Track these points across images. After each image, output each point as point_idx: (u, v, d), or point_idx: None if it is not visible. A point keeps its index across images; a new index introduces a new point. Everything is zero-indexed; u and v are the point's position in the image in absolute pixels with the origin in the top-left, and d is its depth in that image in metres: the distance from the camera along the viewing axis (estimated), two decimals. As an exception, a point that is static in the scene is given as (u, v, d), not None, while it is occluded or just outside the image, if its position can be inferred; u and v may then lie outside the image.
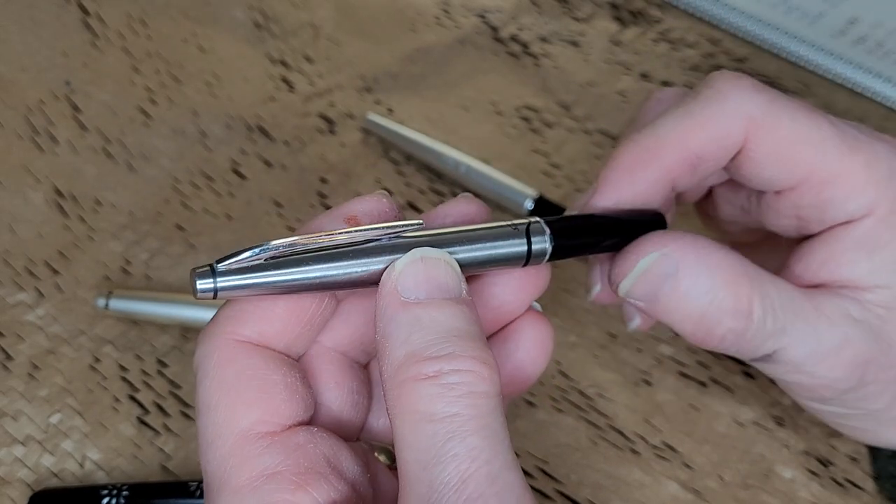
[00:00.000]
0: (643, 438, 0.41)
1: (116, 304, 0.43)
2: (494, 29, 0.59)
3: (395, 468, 0.31)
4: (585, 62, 0.58)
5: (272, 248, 0.26)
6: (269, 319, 0.28)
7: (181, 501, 0.37)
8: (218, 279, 0.26)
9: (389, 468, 0.30)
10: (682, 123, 0.34)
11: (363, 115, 0.53)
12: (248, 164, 0.51)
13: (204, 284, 0.26)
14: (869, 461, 0.41)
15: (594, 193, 0.34)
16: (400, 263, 0.27)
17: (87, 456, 0.39)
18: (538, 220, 0.30)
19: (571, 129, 0.54)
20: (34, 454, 0.39)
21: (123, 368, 0.42)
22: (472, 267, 0.29)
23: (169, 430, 0.40)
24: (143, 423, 0.40)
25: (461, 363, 0.26)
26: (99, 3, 0.57)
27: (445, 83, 0.56)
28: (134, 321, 0.43)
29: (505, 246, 0.29)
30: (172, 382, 0.42)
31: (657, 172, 0.34)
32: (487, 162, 0.50)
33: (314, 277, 0.27)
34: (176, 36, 0.56)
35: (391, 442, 0.32)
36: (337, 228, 0.27)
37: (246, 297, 0.27)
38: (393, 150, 0.52)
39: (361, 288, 0.28)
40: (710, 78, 0.34)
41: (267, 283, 0.26)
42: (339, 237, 0.27)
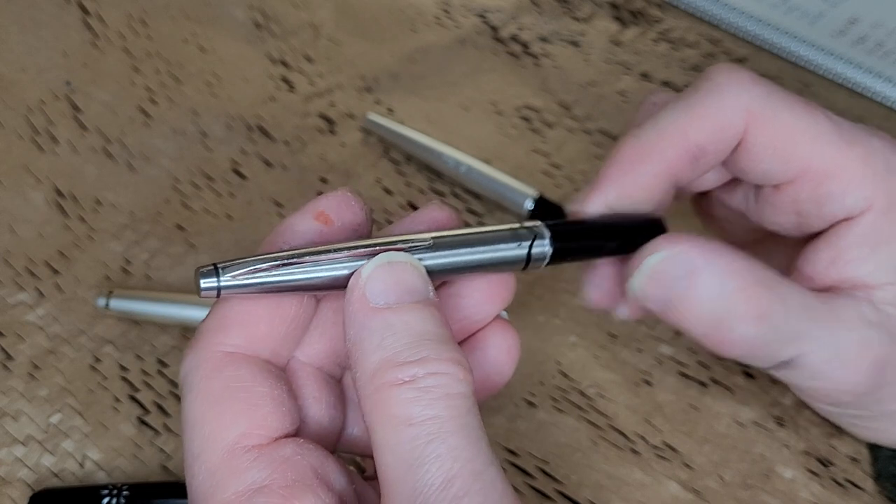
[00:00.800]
0: (643, 438, 0.41)
1: (117, 303, 0.43)
2: (494, 29, 0.59)
3: (367, 478, 0.31)
4: (585, 62, 0.58)
5: (277, 259, 0.27)
6: (252, 324, 0.28)
7: (181, 501, 0.37)
8: (222, 278, 0.26)
9: (365, 479, 0.30)
10: (682, 116, 0.34)
11: (363, 115, 0.53)
12: (248, 164, 0.51)
13: (208, 283, 0.26)
14: (869, 461, 0.41)
15: (594, 189, 0.34)
16: (367, 269, 0.27)
17: (87, 456, 0.39)
18: (539, 223, 0.30)
19: (571, 129, 0.54)
20: (34, 454, 0.39)
21: (124, 368, 0.42)
22: (470, 270, 0.29)
23: (169, 429, 0.40)
24: (143, 422, 0.40)
25: (436, 366, 0.26)
26: (99, 3, 0.57)
27: (445, 83, 0.56)
28: (134, 321, 0.43)
29: (505, 249, 0.29)
30: (173, 382, 0.42)
31: (658, 166, 0.34)
32: (487, 162, 0.50)
33: (316, 277, 0.27)
34: (176, 36, 0.56)
35: (361, 453, 0.32)
36: (341, 242, 0.28)
37: (247, 297, 0.27)
38: (393, 150, 0.52)
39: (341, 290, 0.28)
40: (708, 71, 0.35)
41: (269, 282, 0.27)
42: (343, 252, 0.27)
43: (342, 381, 0.32)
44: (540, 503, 0.39)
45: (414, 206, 0.49)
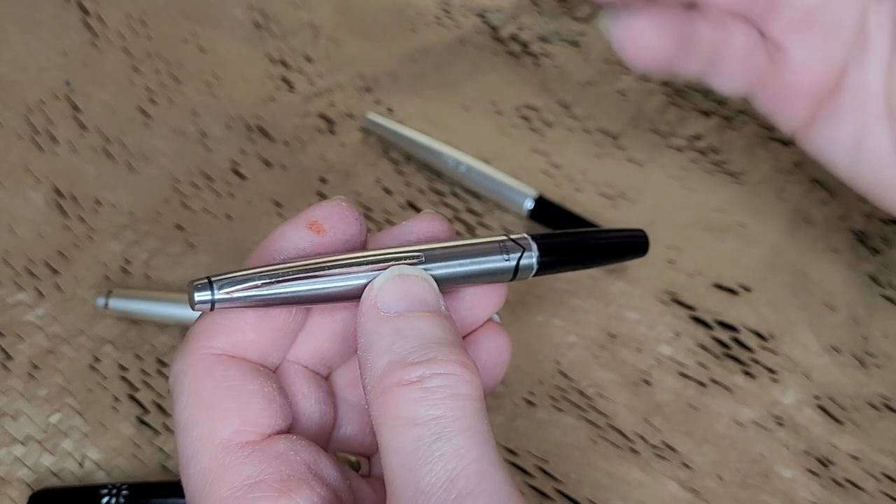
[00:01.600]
0: (643, 438, 0.41)
1: (116, 303, 0.43)
2: (494, 28, 0.59)
3: (363, 476, 0.31)
4: (585, 62, 0.58)
5: (271, 275, 0.27)
6: (241, 330, 0.28)
7: (180, 501, 0.37)
8: (216, 291, 0.26)
9: (362, 476, 0.31)
10: None
11: (363, 114, 0.53)
12: (248, 164, 0.51)
13: (202, 297, 0.26)
14: None
15: None
16: (379, 281, 0.27)
17: (86, 455, 0.39)
18: (526, 237, 0.31)
19: (571, 128, 0.54)
20: (34, 454, 0.39)
21: (123, 368, 0.42)
22: (460, 281, 0.29)
23: (168, 429, 0.40)
24: (142, 422, 0.40)
25: (443, 367, 0.26)
26: (99, 3, 0.57)
27: (445, 83, 0.56)
28: (134, 321, 0.43)
29: (494, 262, 0.30)
30: (172, 382, 0.42)
31: None
32: (487, 162, 0.50)
33: (308, 291, 0.27)
34: (176, 36, 0.56)
35: (356, 452, 0.32)
36: (334, 257, 0.28)
37: (241, 309, 0.27)
38: (393, 149, 0.52)
39: (350, 301, 0.28)
40: None
41: (261, 296, 0.27)
42: (339, 269, 0.28)
43: (329, 379, 0.32)
44: (539, 502, 0.39)
45: (413, 205, 0.49)
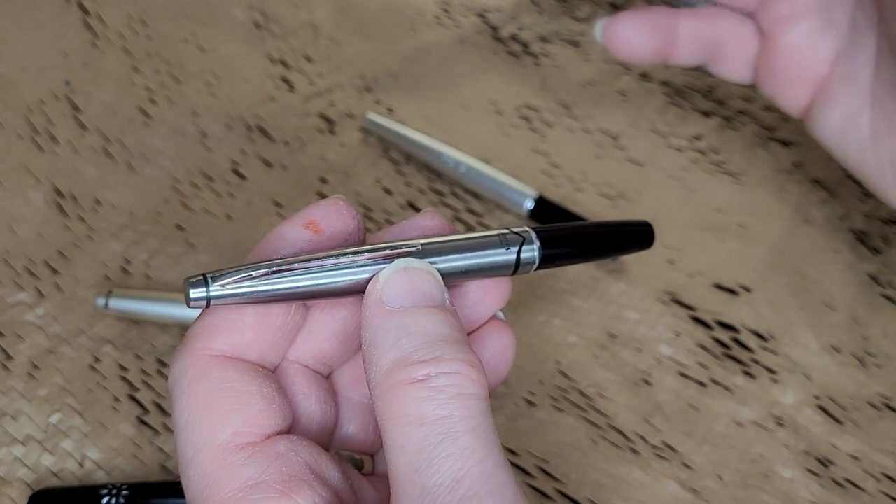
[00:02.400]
0: (643, 438, 0.41)
1: (116, 303, 0.43)
2: (494, 28, 0.59)
3: (365, 475, 0.31)
4: (585, 62, 0.58)
5: (266, 267, 0.27)
6: (239, 331, 0.28)
7: (180, 501, 0.37)
8: (211, 288, 0.26)
9: (364, 475, 0.30)
10: None
11: (363, 114, 0.53)
12: (248, 164, 0.51)
13: (197, 293, 0.26)
14: None
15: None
16: (384, 274, 0.27)
17: (86, 455, 0.39)
18: (527, 229, 0.30)
19: (571, 128, 0.54)
20: (34, 454, 0.39)
21: (123, 368, 0.42)
22: (460, 276, 0.29)
23: (168, 429, 0.40)
24: (142, 422, 0.40)
25: (449, 366, 0.26)
26: (99, 3, 0.57)
27: (445, 83, 0.56)
28: (134, 321, 0.43)
29: (494, 255, 0.29)
30: (172, 382, 0.42)
31: None
32: (487, 162, 0.50)
33: (305, 286, 0.27)
34: (176, 36, 0.56)
35: (358, 450, 0.32)
36: (331, 251, 0.28)
37: (236, 305, 0.27)
38: (393, 149, 0.52)
39: (351, 296, 0.28)
40: None
41: (258, 291, 0.27)
42: (333, 260, 0.27)
43: (330, 378, 0.32)
44: (540, 502, 0.39)
45: (414, 205, 0.49)
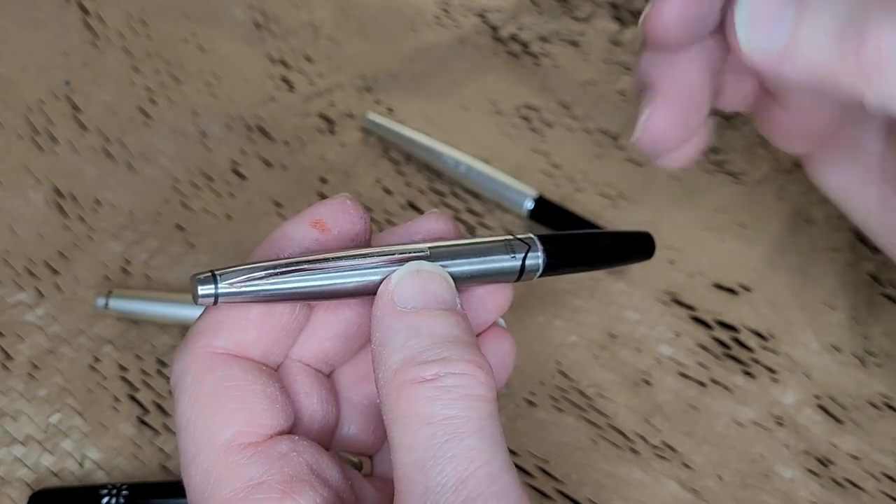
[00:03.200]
0: (643, 438, 0.41)
1: (116, 303, 0.43)
2: (494, 28, 0.59)
3: (366, 476, 0.31)
4: (585, 62, 0.57)
5: (275, 267, 0.27)
6: (243, 329, 0.28)
7: (180, 501, 0.37)
8: (220, 286, 0.26)
9: (364, 476, 0.30)
10: None
11: (363, 114, 0.53)
12: (248, 164, 0.51)
13: (205, 290, 0.26)
14: None
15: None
16: (396, 276, 0.27)
17: (86, 455, 0.39)
18: (532, 236, 0.30)
19: (571, 128, 0.54)
20: (34, 454, 0.39)
21: (123, 368, 0.42)
22: (465, 280, 0.29)
23: (168, 429, 0.40)
24: (142, 422, 0.40)
25: (458, 367, 0.26)
26: (99, 3, 0.57)
27: (445, 83, 0.56)
28: (134, 321, 0.43)
29: (499, 261, 0.30)
30: (172, 382, 0.42)
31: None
32: (487, 162, 0.50)
33: (313, 286, 0.27)
34: (176, 36, 0.56)
35: (359, 451, 0.32)
36: (340, 251, 0.28)
37: (242, 303, 0.27)
38: (393, 149, 0.52)
39: (358, 297, 0.28)
40: None
41: (266, 290, 0.27)
42: (343, 262, 0.27)
43: (332, 377, 0.32)
44: (540, 502, 0.39)
45: (414, 205, 0.49)
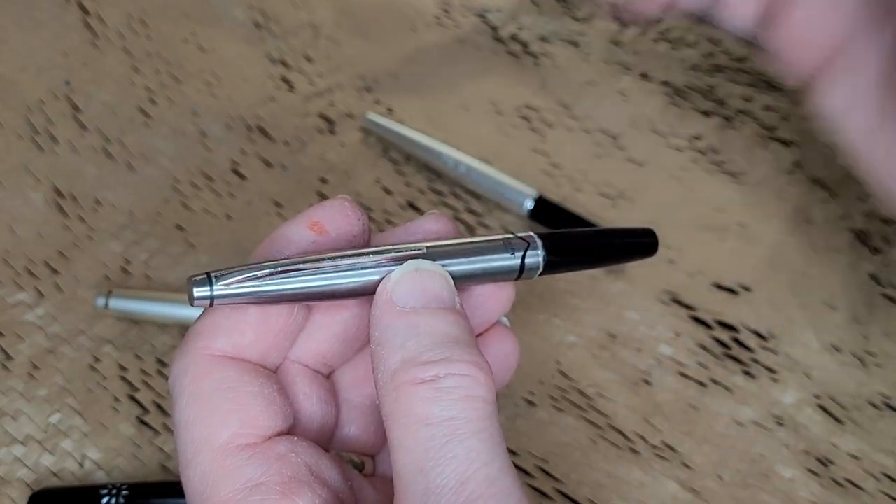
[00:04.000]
0: (643, 438, 0.41)
1: (116, 303, 0.43)
2: (494, 29, 0.59)
3: (366, 476, 0.31)
4: (585, 62, 0.57)
5: (271, 267, 0.26)
6: (240, 331, 0.28)
7: (180, 501, 0.37)
8: (215, 287, 0.26)
9: (365, 476, 0.30)
10: None
11: (363, 114, 0.53)
12: (248, 164, 0.51)
13: (201, 292, 0.26)
14: None
15: None
16: (395, 274, 0.27)
17: (86, 455, 0.39)
18: (532, 234, 0.30)
19: (571, 128, 0.54)
20: (34, 454, 0.39)
21: (123, 368, 0.42)
22: (465, 280, 0.29)
23: (168, 429, 0.40)
24: (142, 422, 0.40)
25: (457, 367, 0.26)
26: (99, 3, 0.57)
27: (445, 83, 0.56)
28: (133, 321, 0.43)
29: (499, 259, 0.29)
30: (172, 382, 0.42)
31: None
32: (487, 162, 0.50)
33: (310, 287, 0.27)
34: (176, 36, 0.56)
35: (359, 451, 0.32)
36: (336, 252, 0.28)
37: (239, 305, 0.27)
38: (393, 149, 0.52)
39: (355, 298, 0.28)
40: None
41: (262, 291, 0.26)
42: (339, 261, 0.27)
43: (331, 378, 0.32)
44: (540, 502, 0.39)
45: (413, 205, 0.49)
